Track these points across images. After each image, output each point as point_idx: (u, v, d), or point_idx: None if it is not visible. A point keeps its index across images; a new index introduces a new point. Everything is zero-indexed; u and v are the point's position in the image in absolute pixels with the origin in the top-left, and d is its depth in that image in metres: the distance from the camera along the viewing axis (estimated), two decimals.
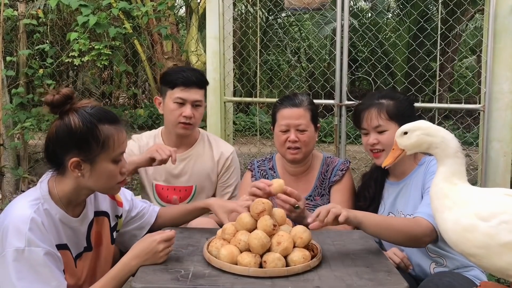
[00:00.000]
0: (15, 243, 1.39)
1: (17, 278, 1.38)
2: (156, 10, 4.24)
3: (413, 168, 2.03)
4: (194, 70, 2.40)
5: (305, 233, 1.60)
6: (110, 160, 1.53)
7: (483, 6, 3.14)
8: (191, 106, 2.26)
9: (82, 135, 1.47)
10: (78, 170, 1.50)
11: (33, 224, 1.42)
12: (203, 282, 1.44)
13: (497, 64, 2.87)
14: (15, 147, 4.49)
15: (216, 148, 2.42)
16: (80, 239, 1.61)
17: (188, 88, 2.26)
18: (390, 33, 8.95)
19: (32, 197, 1.50)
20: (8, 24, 4.71)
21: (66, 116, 1.49)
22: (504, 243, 1.31)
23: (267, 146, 6.55)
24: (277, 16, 10.80)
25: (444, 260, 1.94)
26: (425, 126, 1.53)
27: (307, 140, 2.17)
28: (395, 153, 1.60)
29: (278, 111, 2.21)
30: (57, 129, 1.50)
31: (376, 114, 2.00)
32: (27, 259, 1.39)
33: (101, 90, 9.30)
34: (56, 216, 1.51)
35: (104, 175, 1.53)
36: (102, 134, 1.49)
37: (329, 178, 2.24)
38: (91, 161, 1.50)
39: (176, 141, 2.36)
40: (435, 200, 1.47)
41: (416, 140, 1.53)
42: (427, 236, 1.75)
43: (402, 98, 2.06)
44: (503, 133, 2.89)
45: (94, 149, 1.49)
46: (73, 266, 1.57)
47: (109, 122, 1.52)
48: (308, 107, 2.19)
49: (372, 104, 2.02)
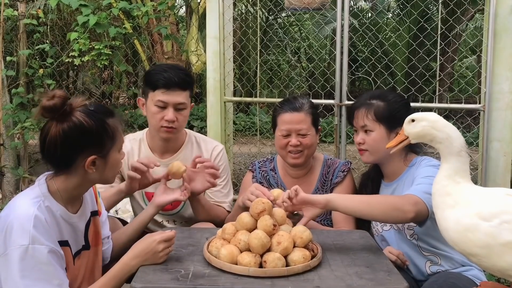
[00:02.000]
0: (19, 240, 1.39)
1: (21, 276, 1.38)
2: (156, 10, 4.23)
3: (403, 169, 2.03)
4: (177, 69, 2.19)
5: (305, 233, 1.60)
6: (118, 150, 1.59)
7: (483, 6, 3.14)
8: (173, 109, 2.13)
9: (97, 132, 1.51)
10: (94, 167, 1.53)
11: (37, 221, 1.42)
12: (203, 282, 1.44)
13: (497, 64, 2.87)
14: (15, 147, 4.49)
15: (205, 148, 2.33)
16: (78, 236, 1.61)
17: (170, 90, 2.11)
18: (390, 33, 8.94)
19: (33, 195, 1.50)
20: (8, 24, 4.70)
21: (71, 118, 1.48)
22: (505, 243, 1.31)
23: (267, 146, 6.55)
24: (277, 16, 10.80)
25: (438, 258, 1.94)
26: (433, 119, 1.53)
27: (309, 143, 2.16)
28: (399, 138, 1.62)
29: (278, 115, 2.20)
30: (66, 131, 1.47)
31: (363, 114, 2.01)
32: (31, 256, 1.40)
33: (101, 90, 9.30)
34: (57, 212, 1.52)
35: (114, 165, 1.59)
36: (111, 128, 1.54)
37: (330, 179, 2.24)
38: (104, 156, 1.54)
39: (162, 145, 2.26)
40: (437, 197, 1.47)
41: (420, 130, 1.54)
42: (411, 205, 1.69)
43: (394, 100, 2.04)
44: (503, 133, 2.89)
45: (107, 144, 1.54)
46: (72, 264, 1.58)
47: (111, 115, 1.58)
48: (309, 110, 2.18)
49: (363, 104, 2.04)
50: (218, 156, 2.32)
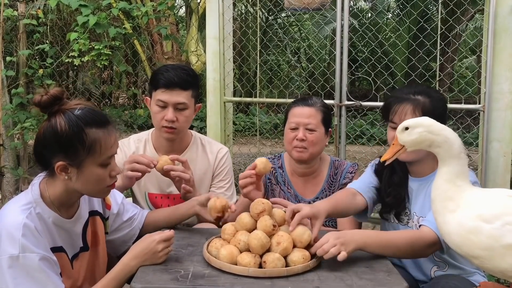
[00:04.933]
0: (9, 250, 1.37)
1: (14, 284, 1.37)
2: (156, 10, 4.24)
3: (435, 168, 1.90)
4: (180, 69, 2.16)
5: (304, 236, 1.59)
6: (97, 164, 1.49)
7: (483, 6, 3.14)
8: (173, 109, 2.11)
9: (68, 139, 1.43)
10: (65, 173, 1.47)
11: (26, 230, 1.40)
12: (202, 282, 1.44)
13: (497, 64, 2.87)
14: (15, 147, 4.49)
15: (210, 150, 2.32)
16: (75, 239, 1.60)
17: (170, 89, 2.10)
18: (390, 33, 8.94)
19: (23, 202, 1.48)
20: (8, 24, 4.70)
21: (53, 118, 1.46)
22: (507, 245, 1.30)
23: (267, 146, 6.55)
24: (277, 16, 10.80)
25: (446, 265, 1.92)
26: (428, 123, 1.48)
27: (314, 140, 2.15)
28: (394, 149, 1.55)
29: (290, 110, 2.22)
30: (44, 131, 1.46)
31: (411, 110, 1.86)
32: (22, 265, 1.37)
33: (101, 90, 9.31)
34: (49, 219, 1.49)
35: (92, 179, 1.50)
36: (88, 138, 1.45)
37: (338, 180, 2.24)
38: (77, 165, 1.47)
39: (166, 145, 2.23)
40: (438, 203, 1.45)
41: (417, 137, 1.48)
42: (431, 248, 1.71)
43: (437, 97, 1.92)
44: (503, 133, 2.89)
45: (81, 154, 1.45)
46: (70, 268, 1.57)
47: (97, 125, 1.48)
48: (321, 108, 2.19)
49: (408, 99, 1.88)
50: (223, 158, 2.33)
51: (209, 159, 2.31)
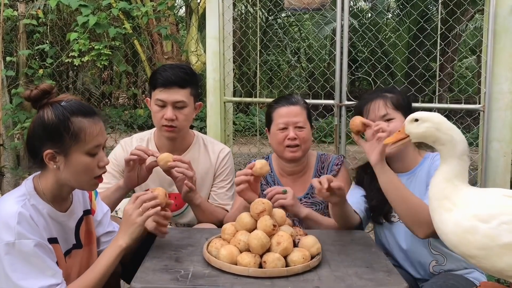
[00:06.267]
0: (4, 237, 1.40)
1: (11, 270, 1.40)
2: (156, 10, 4.24)
3: (418, 161, 2.01)
4: (177, 68, 2.19)
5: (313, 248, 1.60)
6: (84, 152, 1.52)
7: (483, 6, 3.14)
8: (172, 107, 2.14)
9: (54, 127, 1.49)
10: (54, 162, 1.51)
11: (21, 218, 1.43)
12: (202, 282, 1.44)
13: (497, 64, 2.87)
14: (15, 147, 4.49)
15: (212, 149, 2.34)
16: (68, 234, 1.62)
17: (167, 88, 2.13)
18: (390, 33, 8.94)
19: (17, 194, 1.51)
20: (8, 24, 4.71)
21: (42, 110, 1.52)
22: (504, 244, 1.31)
23: (267, 146, 6.54)
24: (277, 16, 10.81)
25: (445, 259, 1.93)
26: (438, 120, 1.49)
27: (306, 137, 2.18)
28: (398, 136, 1.58)
29: (274, 111, 2.22)
30: (34, 123, 1.53)
31: (383, 104, 1.99)
32: (19, 251, 1.40)
33: (101, 90, 9.31)
34: (43, 210, 1.52)
35: (80, 167, 1.53)
36: (73, 126, 1.50)
37: (325, 174, 2.25)
38: (64, 153, 1.51)
39: (168, 144, 2.26)
40: (434, 201, 1.46)
41: (424, 131, 1.50)
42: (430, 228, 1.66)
43: (403, 91, 2.09)
44: (503, 133, 2.89)
45: (67, 141, 1.50)
46: (63, 262, 1.58)
47: (83, 114, 1.53)
48: (304, 105, 2.24)
49: (378, 96, 2.02)
50: (225, 158, 2.34)
51: (211, 159, 2.32)
